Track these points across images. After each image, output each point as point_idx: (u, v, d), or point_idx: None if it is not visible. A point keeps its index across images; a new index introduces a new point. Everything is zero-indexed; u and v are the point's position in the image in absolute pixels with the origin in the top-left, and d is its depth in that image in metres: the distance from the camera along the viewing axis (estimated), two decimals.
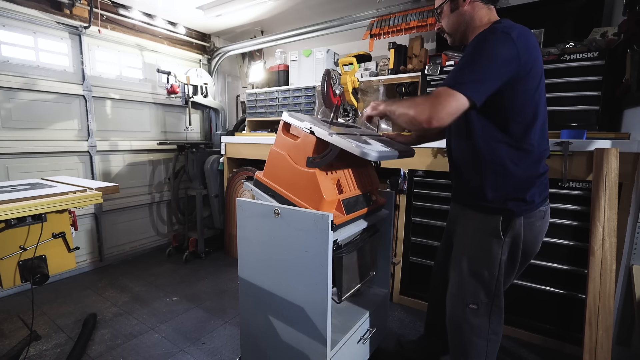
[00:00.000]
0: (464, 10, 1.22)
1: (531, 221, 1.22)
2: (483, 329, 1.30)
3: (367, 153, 1.12)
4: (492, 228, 1.22)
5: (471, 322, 1.30)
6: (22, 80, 2.54)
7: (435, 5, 1.31)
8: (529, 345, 1.96)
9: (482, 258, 1.26)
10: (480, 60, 1.05)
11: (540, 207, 1.23)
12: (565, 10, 2.21)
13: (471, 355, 1.33)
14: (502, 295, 1.27)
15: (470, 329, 1.31)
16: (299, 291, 1.30)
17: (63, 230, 1.63)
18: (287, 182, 1.35)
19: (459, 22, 1.24)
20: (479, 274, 1.27)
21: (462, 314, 1.32)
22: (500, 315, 1.30)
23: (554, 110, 1.97)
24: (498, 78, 1.05)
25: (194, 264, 3.18)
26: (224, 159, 3.30)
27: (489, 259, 1.24)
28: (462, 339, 1.34)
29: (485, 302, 1.28)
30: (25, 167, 2.61)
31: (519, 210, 1.19)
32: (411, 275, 2.41)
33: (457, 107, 1.04)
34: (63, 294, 2.56)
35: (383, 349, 1.88)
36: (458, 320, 1.34)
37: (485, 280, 1.26)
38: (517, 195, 1.18)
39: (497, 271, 1.24)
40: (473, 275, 1.28)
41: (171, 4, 3.05)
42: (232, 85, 4.33)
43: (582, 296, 1.81)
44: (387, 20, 2.59)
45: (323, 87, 2.24)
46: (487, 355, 1.32)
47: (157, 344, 1.96)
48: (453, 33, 1.29)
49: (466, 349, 1.34)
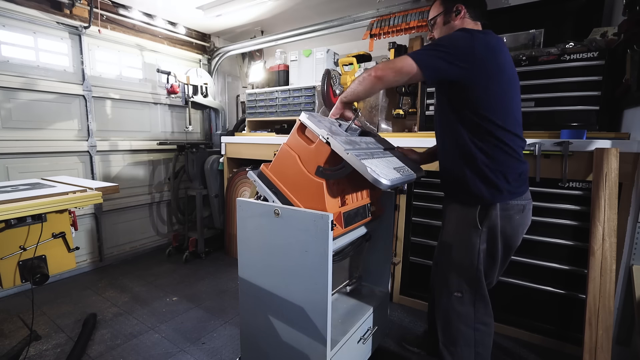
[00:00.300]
0: (455, 24, 1.36)
1: (509, 214, 1.32)
2: (469, 317, 1.39)
3: (379, 182, 1.12)
4: (471, 218, 1.33)
5: (457, 309, 1.40)
6: (22, 80, 2.54)
7: (430, 16, 1.44)
8: (529, 345, 1.96)
9: (463, 248, 1.37)
10: (439, 43, 1.24)
11: (517, 200, 1.33)
12: (565, 10, 2.21)
13: (459, 343, 1.41)
14: (484, 284, 1.38)
15: (457, 317, 1.41)
16: (298, 291, 1.30)
17: (63, 230, 1.63)
18: (292, 183, 1.33)
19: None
20: (460, 263, 1.38)
21: (448, 301, 1.42)
22: (486, 305, 1.40)
23: (554, 110, 1.97)
24: (452, 61, 1.19)
25: (194, 264, 3.18)
26: (224, 159, 3.30)
27: (469, 248, 1.35)
28: (450, 327, 1.43)
29: (468, 290, 1.38)
30: (25, 167, 2.61)
31: (493, 198, 1.30)
32: (411, 275, 2.41)
33: (404, 67, 1.21)
34: (63, 294, 2.56)
35: (383, 349, 1.88)
36: (445, 308, 1.44)
37: (466, 268, 1.37)
38: (492, 184, 1.29)
39: (476, 260, 1.34)
40: (455, 264, 1.39)
41: (171, 4, 3.05)
42: (232, 85, 4.33)
43: (582, 296, 1.81)
44: (387, 20, 2.59)
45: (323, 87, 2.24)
46: (476, 344, 1.39)
47: (157, 344, 1.97)
48: None
49: (454, 337, 1.42)
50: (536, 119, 2.02)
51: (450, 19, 1.37)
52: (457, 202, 1.41)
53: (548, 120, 2.00)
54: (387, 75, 1.23)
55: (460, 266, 1.38)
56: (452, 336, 1.43)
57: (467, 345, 1.40)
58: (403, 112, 2.62)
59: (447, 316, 1.43)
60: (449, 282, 1.41)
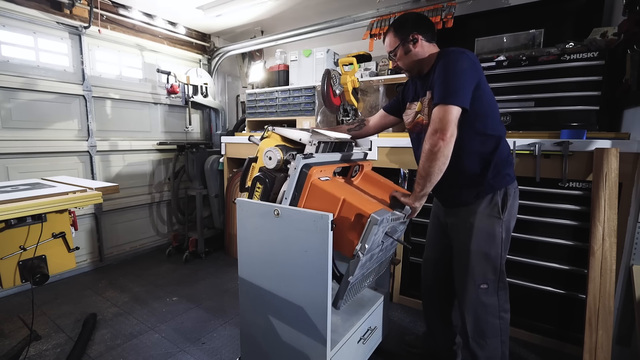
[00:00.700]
0: (416, 52, 1.43)
1: (515, 197, 1.44)
2: (494, 307, 1.45)
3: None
4: (493, 208, 1.40)
5: (484, 302, 1.44)
6: (22, 80, 2.54)
7: (388, 49, 1.49)
8: (529, 345, 1.96)
9: (488, 239, 1.41)
10: (454, 75, 1.28)
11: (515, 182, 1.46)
12: (565, 10, 2.21)
13: (488, 335, 1.46)
14: (504, 272, 1.44)
15: (484, 309, 1.45)
16: (299, 291, 1.30)
17: (63, 230, 1.63)
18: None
19: (413, 62, 1.45)
20: (486, 254, 1.42)
21: (476, 295, 1.45)
22: (506, 292, 1.46)
23: (554, 110, 1.97)
24: (471, 82, 1.29)
25: (194, 264, 3.18)
26: (224, 159, 3.30)
27: (493, 238, 1.41)
28: (479, 321, 1.46)
29: (493, 279, 1.43)
30: (25, 167, 2.61)
31: (511, 183, 1.42)
32: (411, 275, 2.41)
33: (455, 116, 1.25)
34: (63, 294, 2.56)
35: (383, 349, 1.88)
36: (472, 302, 1.46)
37: (491, 259, 1.42)
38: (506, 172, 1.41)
39: (500, 249, 1.41)
40: (481, 257, 1.42)
41: (171, 4, 3.05)
42: (232, 85, 4.33)
43: (582, 296, 1.81)
44: (387, 20, 2.59)
45: (323, 87, 2.24)
46: (501, 332, 1.46)
47: (157, 344, 1.97)
48: (410, 70, 1.49)
49: (483, 330, 1.46)
50: (536, 119, 2.02)
51: (410, 48, 1.43)
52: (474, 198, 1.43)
53: (548, 120, 2.00)
54: (449, 131, 1.23)
55: (487, 258, 1.42)
56: (481, 329, 1.46)
57: (494, 335, 1.46)
58: None
59: (475, 310, 1.46)
60: (475, 276, 1.44)
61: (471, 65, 1.29)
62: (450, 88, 1.26)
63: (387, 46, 1.50)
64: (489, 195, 1.40)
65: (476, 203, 1.42)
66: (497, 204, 1.39)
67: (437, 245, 1.68)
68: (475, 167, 1.39)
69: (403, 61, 1.48)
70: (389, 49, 1.50)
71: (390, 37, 1.47)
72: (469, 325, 1.49)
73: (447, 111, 1.23)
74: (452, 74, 1.28)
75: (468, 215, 1.44)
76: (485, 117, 1.35)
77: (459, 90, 1.25)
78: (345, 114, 2.52)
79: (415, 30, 1.41)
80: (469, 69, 1.28)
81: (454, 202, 1.51)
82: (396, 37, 1.45)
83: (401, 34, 1.44)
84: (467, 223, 1.44)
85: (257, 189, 1.40)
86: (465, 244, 1.44)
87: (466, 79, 1.27)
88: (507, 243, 1.44)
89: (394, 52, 1.48)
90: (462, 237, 1.46)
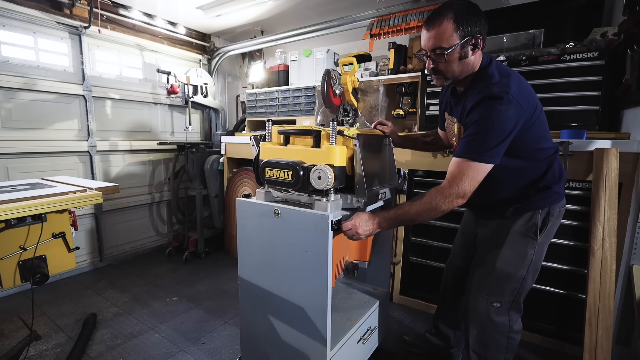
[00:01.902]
0: (470, 60, 1.16)
1: (556, 221, 1.30)
2: (505, 327, 1.34)
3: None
4: (530, 228, 1.26)
5: (494, 319, 1.34)
6: (22, 80, 2.54)
7: (436, 44, 1.13)
8: (529, 345, 1.96)
9: (516, 260, 1.29)
10: (492, 129, 1.08)
11: (563, 201, 1.32)
12: (565, 10, 2.21)
13: (490, 349, 1.38)
14: (522, 294, 1.33)
15: (492, 326, 1.35)
16: (299, 291, 1.30)
17: (63, 230, 1.63)
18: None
19: (463, 70, 1.18)
20: (507, 274, 1.30)
21: (486, 312, 1.35)
22: (519, 312, 1.36)
23: (554, 110, 1.97)
24: (509, 138, 1.10)
25: (193, 264, 3.18)
26: (224, 159, 3.29)
27: (523, 260, 1.28)
28: (484, 335, 1.38)
29: (508, 300, 1.32)
30: (25, 167, 2.61)
31: (557, 202, 1.28)
32: (411, 275, 2.41)
33: (482, 175, 1.10)
34: (63, 294, 2.56)
35: (383, 349, 1.88)
36: (482, 317, 1.37)
37: (512, 279, 1.30)
38: (554, 190, 1.26)
39: (525, 271, 1.29)
40: (504, 277, 1.31)
41: (171, 4, 3.05)
42: (232, 85, 4.33)
43: (582, 296, 1.81)
44: (387, 20, 2.59)
45: (323, 87, 2.23)
46: (506, 351, 1.37)
47: (157, 344, 1.96)
48: (453, 78, 1.21)
49: (486, 344, 1.39)
50: None
51: (468, 53, 1.13)
52: (512, 213, 1.30)
53: (548, 120, 1.98)
54: (465, 197, 1.12)
55: (509, 278, 1.30)
56: (484, 343, 1.39)
57: (498, 351, 1.37)
58: (403, 112, 2.63)
59: (481, 325, 1.38)
60: (489, 291, 1.34)
61: (517, 115, 1.08)
62: (483, 145, 1.07)
63: (434, 38, 1.12)
64: (528, 214, 1.26)
65: (512, 219, 1.28)
66: (535, 223, 1.25)
67: (464, 256, 1.58)
68: (520, 191, 1.27)
69: (452, 66, 1.16)
70: (437, 44, 1.12)
71: (448, 28, 1.09)
72: (472, 337, 1.42)
73: (469, 168, 1.08)
74: (489, 126, 1.07)
75: (500, 230, 1.31)
76: (539, 141, 1.21)
77: (492, 149, 1.07)
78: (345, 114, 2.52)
79: (481, 31, 1.10)
80: (510, 122, 1.07)
81: (488, 213, 1.39)
82: (457, 31, 1.08)
83: (465, 28, 1.08)
84: (498, 238, 1.32)
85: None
86: (491, 260, 1.33)
87: (503, 135, 1.08)
88: (537, 267, 1.32)
89: (445, 50, 1.11)
90: (489, 251, 1.35)
